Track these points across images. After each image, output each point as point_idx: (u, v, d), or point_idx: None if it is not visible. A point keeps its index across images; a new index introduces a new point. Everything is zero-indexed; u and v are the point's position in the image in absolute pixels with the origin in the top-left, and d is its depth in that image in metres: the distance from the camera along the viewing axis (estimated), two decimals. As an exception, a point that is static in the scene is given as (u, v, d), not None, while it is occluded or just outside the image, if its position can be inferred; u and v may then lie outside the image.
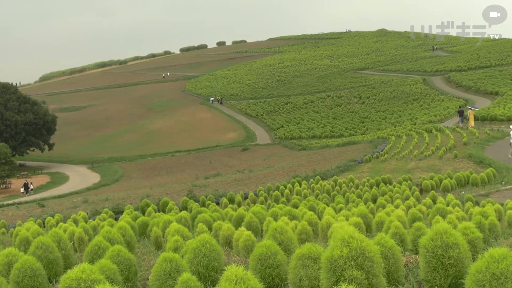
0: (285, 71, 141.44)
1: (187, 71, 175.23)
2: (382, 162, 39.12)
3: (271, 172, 45.22)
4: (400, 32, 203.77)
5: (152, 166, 72.91)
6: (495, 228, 10.29)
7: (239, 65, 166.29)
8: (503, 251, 3.98)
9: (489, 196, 24.20)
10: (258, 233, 12.25)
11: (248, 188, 35.08)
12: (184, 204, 26.27)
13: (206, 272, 6.35)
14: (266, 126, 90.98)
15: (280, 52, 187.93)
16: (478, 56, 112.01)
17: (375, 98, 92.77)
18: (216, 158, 69.82)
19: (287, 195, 28.92)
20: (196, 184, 42.70)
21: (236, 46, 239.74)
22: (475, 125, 52.06)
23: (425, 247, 4.99)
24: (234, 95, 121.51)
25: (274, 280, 5.80)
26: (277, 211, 14.93)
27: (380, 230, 10.24)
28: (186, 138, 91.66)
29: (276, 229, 7.40)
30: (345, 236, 4.61)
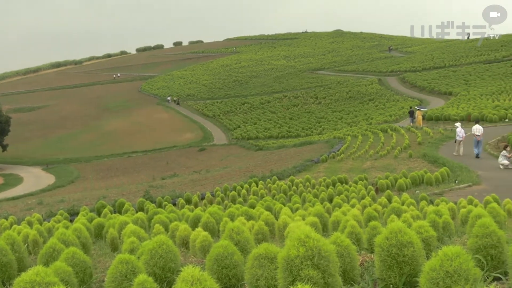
0: (242, 71, 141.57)
1: (143, 71, 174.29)
2: (338, 162, 39.36)
3: (228, 173, 45.20)
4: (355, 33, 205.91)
5: (108, 167, 72.29)
6: (449, 227, 10.43)
7: (196, 66, 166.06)
8: (457, 249, 4.03)
9: (443, 195, 24.52)
10: (215, 233, 12.23)
11: (205, 189, 34.99)
12: (141, 205, 26.08)
13: (162, 273, 6.32)
14: (223, 127, 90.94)
15: (237, 52, 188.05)
16: (432, 57, 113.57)
17: (331, 98, 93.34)
18: (173, 159, 69.55)
19: (244, 195, 28.92)
20: (152, 185, 42.46)
21: (192, 46, 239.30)
22: (424, 125, 52.81)
23: (380, 246, 5.04)
24: (191, 96, 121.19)
25: (231, 280, 5.80)
26: (234, 212, 14.91)
27: (336, 230, 10.29)
28: (142, 139, 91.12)
29: (233, 230, 7.39)
30: (301, 235, 4.63)
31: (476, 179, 27.96)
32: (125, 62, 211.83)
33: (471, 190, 25.32)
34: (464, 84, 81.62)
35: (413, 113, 56.61)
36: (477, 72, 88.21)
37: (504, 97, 63.69)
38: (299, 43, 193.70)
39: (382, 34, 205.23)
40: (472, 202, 17.79)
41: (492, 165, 32.89)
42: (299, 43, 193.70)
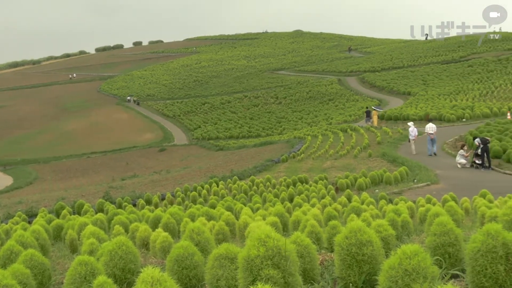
0: (202, 71, 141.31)
1: (102, 71, 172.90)
2: (298, 161, 39.49)
3: (188, 173, 45.06)
4: (315, 33, 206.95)
5: (67, 168, 71.50)
6: (407, 225, 10.53)
7: (156, 65, 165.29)
8: (415, 248, 4.08)
9: (402, 194, 24.77)
10: (175, 234, 12.18)
11: (166, 189, 34.85)
12: (100, 206, 25.87)
13: (122, 274, 6.28)
14: (183, 127, 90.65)
15: (197, 52, 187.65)
16: (391, 57, 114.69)
17: (292, 98, 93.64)
18: (133, 159, 69.07)
19: (205, 195, 28.88)
20: (112, 185, 42.13)
21: (152, 46, 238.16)
22: (382, 124, 53.38)
23: (340, 245, 5.06)
24: (151, 96, 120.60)
25: (191, 281, 5.78)
26: (194, 212, 14.87)
27: (297, 229, 10.33)
28: (102, 139, 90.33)
29: (193, 230, 7.37)
30: (261, 235, 4.63)
31: (434, 178, 28.29)
32: (84, 62, 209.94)
33: (429, 189, 25.60)
34: (422, 84, 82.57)
35: (370, 113, 57.14)
36: (435, 72, 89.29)
37: (462, 97, 64.55)
38: (260, 43, 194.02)
39: (342, 34, 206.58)
40: (431, 201, 18.00)
41: (450, 164, 33.32)
42: (260, 43, 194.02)
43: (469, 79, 79.38)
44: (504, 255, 4.43)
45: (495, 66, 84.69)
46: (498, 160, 33.29)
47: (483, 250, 4.44)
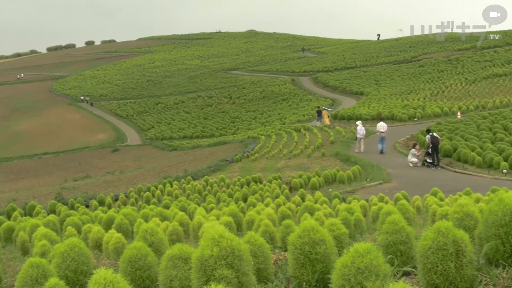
0: (155, 71, 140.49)
1: (54, 71, 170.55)
2: (252, 161, 39.55)
3: (142, 173, 44.79)
4: (268, 33, 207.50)
5: (18, 168, 70.36)
6: (360, 224, 10.61)
7: (109, 65, 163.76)
8: (368, 246, 4.11)
9: (355, 192, 24.99)
10: (128, 235, 12.11)
11: (119, 190, 34.60)
12: (52, 208, 25.58)
13: (75, 276, 6.21)
14: (137, 127, 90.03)
15: (150, 52, 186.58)
16: (344, 58, 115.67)
17: (245, 98, 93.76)
18: (86, 160, 68.33)
19: (158, 196, 28.76)
20: (64, 186, 41.65)
21: (105, 45, 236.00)
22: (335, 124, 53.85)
23: (293, 244, 5.08)
24: (104, 96, 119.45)
25: (144, 282, 5.74)
26: (148, 212, 14.79)
27: (251, 229, 10.34)
28: (54, 140, 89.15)
29: (147, 231, 7.33)
30: (215, 235, 4.63)
31: (386, 177, 28.61)
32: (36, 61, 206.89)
33: (382, 188, 25.89)
34: (374, 84, 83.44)
35: (321, 113, 57.57)
36: (387, 72, 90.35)
37: (413, 97, 65.39)
38: (213, 43, 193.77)
39: (295, 34, 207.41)
40: (383, 200, 18.19)
41: (401, 163, 33.73)
42: (213, 43, 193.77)
43: (420, 79, 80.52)
44: (455, 252, 4.49)
45: (445, 66, 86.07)
46: (448, 159, 33.82)
47: (434, 248, 4.49)
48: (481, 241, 5.14)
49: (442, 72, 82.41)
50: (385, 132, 37.77)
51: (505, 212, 4.74)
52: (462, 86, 67.78)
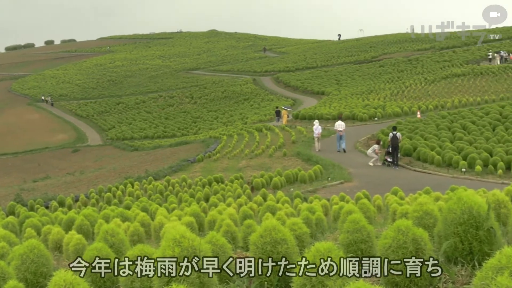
0: (116, 71, 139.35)
1: (13, 70, 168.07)
2: (214, 161, 39.49)
3: (102, 174, 44.45)
4: (230, 33, 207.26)
5: (-24, 170, 69.36)
6: (321, 223, 10.68)
7: (69, 65, 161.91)
8: (328, 245, 4.14)
9: (317, 192, 25.15)
10: (89, 236, 12.02)
11: (79, 191, 34.30)
12: (11, 209, 25.28)
13: (34, 278, 6.15)
14: (97, 127, 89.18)
15: (111, 51, 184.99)
16: (305, 57, 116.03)
17: (207, 98, 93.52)
18: (45, 161, 67.49)
19: (120, 196, 28.57)
20: (24, 187, 41.15)
21: (65, 45, 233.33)
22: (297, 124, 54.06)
23: (255, 243, 5.09)
24: (64, 96, 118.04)
25: (105, 283, 5.71)
26: (109, 213, 14.70)
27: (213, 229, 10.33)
28: (13, 140, 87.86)
29: (108, 231, 7.28)
30: (176, 236, 4.62)
31: (347, 176, 28.82)
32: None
33: (343, 187, 26.07)
34: (335, 84, 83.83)
35: (279, 113, 57.76)
36: (348, 72, 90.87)
37: (374, 97, 65.84)
38: (174, 42, 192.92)
39: (256, 34, 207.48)
40: (344, 199, 18.33)
41: (362, 162, 33.98)
42: (174, 42, 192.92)
43: (380, 79, 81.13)
44: (414, 251, 4.55)
45: (405, 66, 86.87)
46: (408, 158, 34.17)
47: (394, 246, 4.54)
48: (440, 239, 5.21)
49: (402, 72, 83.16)
50: (343, 130, 38.24)
51: (463, 211, 4.81)
52: (421, 86, 68.46)
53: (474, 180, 27.10)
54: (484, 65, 76.45)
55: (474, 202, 4.84)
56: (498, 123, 40.33)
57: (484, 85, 64.24)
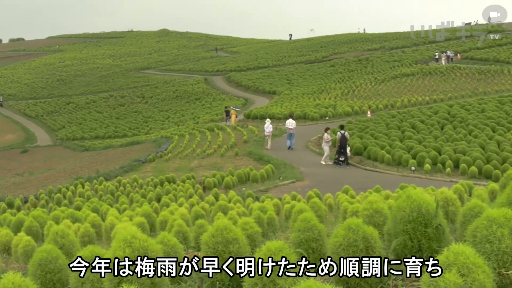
0: (66, 70, 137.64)
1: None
2: (165, 161, 39.34)
3: (52, 174, 43.89)
4: (181, 32, 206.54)
5: None
6: (273, 222, 10.71)
7: (17, 64, 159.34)
8: (279, 244, 4.15)
9: (268, 191, 25.25)
10: (39, 237, 11.86)
11: (28, 192, 33.85)
12: (-42, 211, 24.79)
13: (-18, 281, 6.04)
14: (47, 127, 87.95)
15: (61, 51, 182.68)
16: (257, 57, 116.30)
17: (158, 97, 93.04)
18: (-7, 161, 66.45)
19: (70, 197, 28.28)
20: (-29, 189, 40.44)
21: (13, 44, 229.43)
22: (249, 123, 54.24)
23: (206, 243, 5.09)
24: (12, 96, 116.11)
25: (55, 285, 5.64)
26: (59, 214, 14.52)
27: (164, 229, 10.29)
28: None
29: (57, 233, 7.19)
30: (127, 236, 4.59)
31: (299, 175, 28.99)
32: None
33: (294, 186, 26.21)
34: (287, 83, 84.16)
35: (229, 113, 57.85)
36: (299, 72, 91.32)
37: (324, 96, 66.33)
38: (125, 42, 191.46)
39: (208, 34, 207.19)
40: (296, 198, 18.42)
41: (314, 161, 34.21)
42: (125, 42, 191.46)
43: (331, 78, 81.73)
44: (365, 249, 4.60)
45: (355, 66, 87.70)
46: (359, 157, 34.51)
47: (344, 244, 4.58)
48: (390, 237, 5.27)
49: (352, 72, 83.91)
50: (293, 129, 38.74)
51: (412, 209, 4.88)
52: (371, 86, 69.22)
53: (423, 179, 27.54)
54: (432, 65, 77.70)
55: (423, 200, 4.91)
56: (447, 122, 41.03)
57: (432, 84, 65.30)
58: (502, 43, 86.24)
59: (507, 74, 66.06)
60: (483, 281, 3.48)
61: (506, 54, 78.17)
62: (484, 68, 70.30)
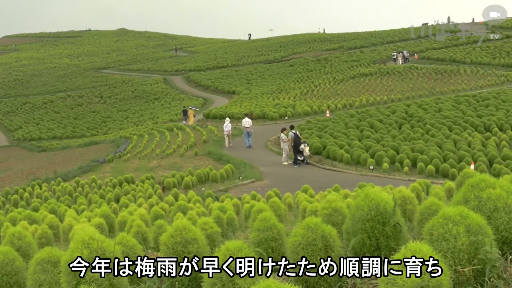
0: (22, 70, 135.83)
1: None
2: (124, 161, 39.08)
3: (9, 176, 43.29)
4: (140, 32, 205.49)
5: None
6: (233, 222, 10.73)
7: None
8: (238, 244, 4.15)
9: (228, 191, 25.27)
10: (-5, 240, 11.70)
11: (-16, 193, 33.34)
12: None
13: None
14: (3, 128, 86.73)
15: (17, 50, 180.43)
16: (216, 57, 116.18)
17: (117, 97, 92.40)
18: None
19: (27, 198, 27.94)
20: None
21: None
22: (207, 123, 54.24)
23: (165, 244, 5.08)
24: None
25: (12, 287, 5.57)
26: (15, 216, 14.37)
27: (123, 230, 10.24)
28: None
29: (14, 235, 7.10)
30: (85, 237, 4.55)
31: (259, 175, 29.05)
32: None
33: (254, 186, 26.27)
34: (246, 83, 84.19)
35: (186, 112, 57.75)
36: (258, 72, 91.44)
37: (284, 96, 66.50)
38: (83, 41, 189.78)
39: (167, 33, 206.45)
40: (255, 198, 18.46)
41: (274, 161, 34.30)
42: (83, 41, 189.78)
43: (290, 78, 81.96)
44: (323, 247, 4.62)
45: (314, 66, 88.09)
46: (318, 156, 34.68)
47: (303, 243, 4.60)
48: (348, 236, 5.31)
49: (311, 72, 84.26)
50: (250, 127, 38.97)
51: (370, 207, 4.92)
52: (330, 85, 69.58)
53: (382, 177, 27.81)
54: (390, 65, 78.44)
55: (381, 199, 4.96)
56: (404, 122, 41.47)
57: (390, 84, 65.88)
58: (458, 44, 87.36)
59: (463, 74, 67.03)
60: (439, 279, 3.53)
61: (462, 54, 79.30)
62: (440, 68, 71.19)
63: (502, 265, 4.33)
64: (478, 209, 4.64)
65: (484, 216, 4.44)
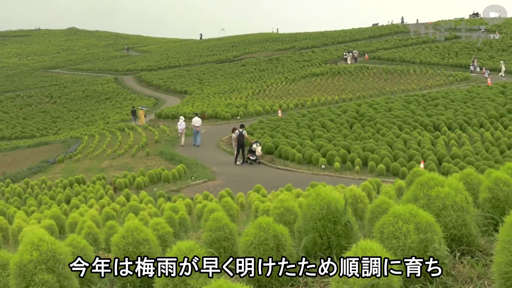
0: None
1: None
2: (75, 162, 38.67)
3: (-45, 177, 42.48)
4: (90, 31, 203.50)
5: None
6: (185, 222, 10.71)
7: None
8: (190, 244, 4.15)
9: (180, 191, 25.21)
10: None
11: None
12: None
13: None
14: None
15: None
16: (168, 56, 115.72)
17: (67, 97, 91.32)
18: None
19: (-25, 200, 27.43)
20: None
21: None
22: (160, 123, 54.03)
23: (116, 245, 5.05)
24: None
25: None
26: (-37, 218, 14.09)
27: (74, 231, 10.14)
28: None
29: (-39, 237, 6.98)
30: (34, 239, 4.50)
31: (211, 175, 29.05)
32: None
33: (206, 186, 26.27)
34: (198, 83, 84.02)
35: (135, 112, 57.43)
36: (210, 72, 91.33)
37: (236, 96, 66.53)
38: (32, 40, 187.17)
39: (117, 33, 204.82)
40: (208, 197, 18.45)
41: (225, 160, 34.33)
42: (32, 40, 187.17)
43: (242, 78, 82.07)
44: (275, 247, 4.64)
45: (266, 66, 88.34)
46: (270, 156, 34.81)
47: (255, 243, 4.62)
48: (300, 235, 5.34)
49: (263, 72, 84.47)
50: (200, 126, 39.24)
51: (322, 206, 4.96)
52: (282, 85, 69.83)
53: (333, 176, 28.06)
54: (341, 64, 79.05)
55: (332, 198, 5.00)
56: (355, 121, 41.88)
57: (341, 84, 66.43)
58: (407, 44, 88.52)
59: (413, 74, 67.92)
60: (390, 277, 3.58)
61: (411, 55, 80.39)
62: (390, 68, 72.01)
63: (450, 262, 4.41)
64: (427, 207, 4.72)
65: (433, 214, 4.51)
